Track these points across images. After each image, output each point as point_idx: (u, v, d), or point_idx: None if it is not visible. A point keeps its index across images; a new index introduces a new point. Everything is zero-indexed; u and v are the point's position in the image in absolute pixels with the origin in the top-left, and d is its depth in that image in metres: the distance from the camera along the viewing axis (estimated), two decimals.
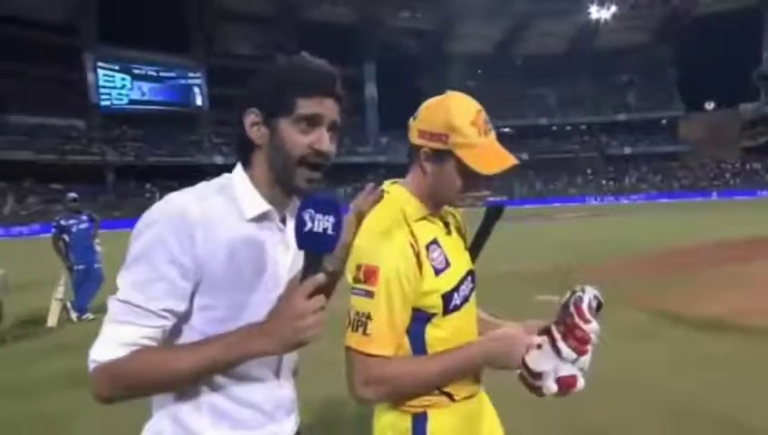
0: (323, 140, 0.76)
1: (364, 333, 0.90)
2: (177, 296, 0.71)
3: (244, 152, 0.80)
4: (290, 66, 0.79)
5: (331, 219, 0.69)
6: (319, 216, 0.69)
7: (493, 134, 0.95)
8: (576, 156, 44.20)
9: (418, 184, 0.98)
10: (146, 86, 33.70)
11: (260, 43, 37.95)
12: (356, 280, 0.91)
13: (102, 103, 32.10)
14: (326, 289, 0.72)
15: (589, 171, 43.66)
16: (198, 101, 36.16)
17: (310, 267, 0.70)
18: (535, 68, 45.70)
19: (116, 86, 32.44)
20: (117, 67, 32.37)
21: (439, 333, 0.97)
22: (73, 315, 5.19)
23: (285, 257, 0.82)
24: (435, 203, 1.00)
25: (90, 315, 5.17)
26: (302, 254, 0.71)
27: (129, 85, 32.90)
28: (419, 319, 0.96)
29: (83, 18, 31.46)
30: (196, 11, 35.17)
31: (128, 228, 1.21)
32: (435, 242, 0.98)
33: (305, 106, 0.75)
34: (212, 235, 0.72)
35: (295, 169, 0.76)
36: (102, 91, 32.02)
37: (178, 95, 35.57)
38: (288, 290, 0.77)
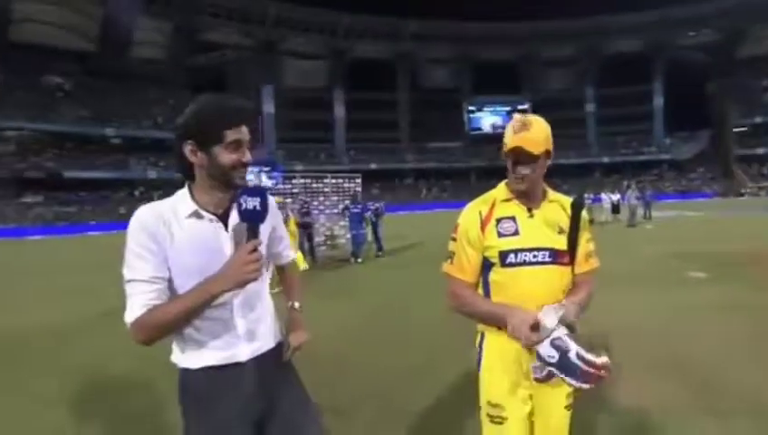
0: (246, 155, 1.12)
1: (451, 263, 1.41)
2: (155, 266, 1.07)
3: (186, 171, 1.15)
4: (214, 105, 1.11)
5: (258, 200, 1.08)
6: (250, 199, 1.07)
7: (522, 132, 1.30)
8: None
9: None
10: (495, 118, 53.47)
11: (570, 80, 52.89)
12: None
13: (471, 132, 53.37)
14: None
15: None
16: None
17: (250, 233, 1.07)
18: None
19: (479, 120, 53.39)
20: (479, 107, 53.27)
21: (497, 279, 1.36)
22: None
23: (220, 236, 1.14)
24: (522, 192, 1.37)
25: None
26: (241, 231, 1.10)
27: (486, 118, 53.33)
28: (486, 266, 1.37)
29: (461, 80, 53.49)
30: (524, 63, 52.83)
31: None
32: (511, 217, 1.36)
33: (231, 135, 1.09)
34: (162, 230, 1.09)
35: (232, 175, 1.12)
36: (472, 123, 53.23)
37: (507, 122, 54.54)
38: (236, 249, 1.10)
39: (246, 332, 1.20)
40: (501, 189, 1.42)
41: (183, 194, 1.16)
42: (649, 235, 12.62)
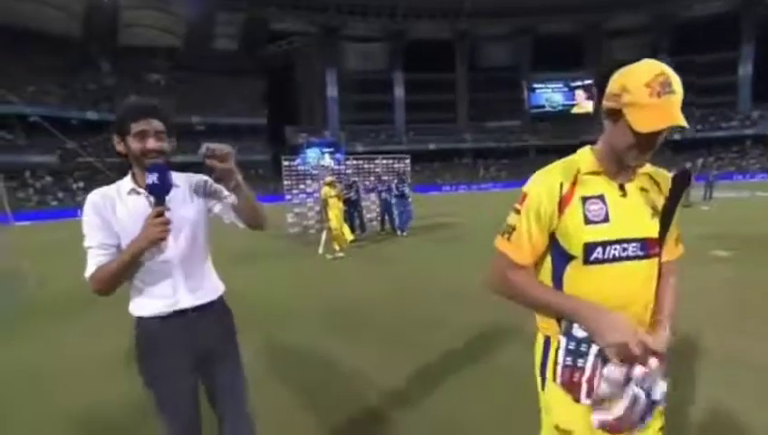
0: (148, 143, 1.36)
1: (508, 239, 1.15)
2: (103, 234, 1.37)
3: (122, 157, 1.41)
4: (124, 106, 1.40)
5: (156, 175, 1.31)
6: (150, 175, 1.32)
7: (673, 97, 0.96)
8: None
9: (601, 143, 1.10)
10: (555, 95, 52.04)
11: (639, 51, 49.79)
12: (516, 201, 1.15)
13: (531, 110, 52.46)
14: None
15: None
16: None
17: (156, 202, 1.35)
18: None
19: (539, 97, 52.33)
20: (539, 84, 52.12)
21: (575, 276, 1.08)
22: None
23: (147, 207, 1.40)
24: (615, 162, 1.07)
25: None
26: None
27: (546, 95, 52.14)
28: (562, 256, 1.10)
29: (520, 57, 52.48)
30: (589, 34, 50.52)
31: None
32: (599, 197, 1.07)
33: (135, 127, 1.35)
34: (106, 206, 1.39)
35: (141, 159, 1.38)
36: (532, 101, 52.31)
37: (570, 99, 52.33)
38: (149, 214, 1.36)
39: (186, 284, 1.47)
40: (585, 158, 1.14)
41: (127, 176, 1.47)
42: (696, 215, 12.24)
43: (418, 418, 2.59)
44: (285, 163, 12.04)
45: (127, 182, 1.45)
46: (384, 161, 13.62)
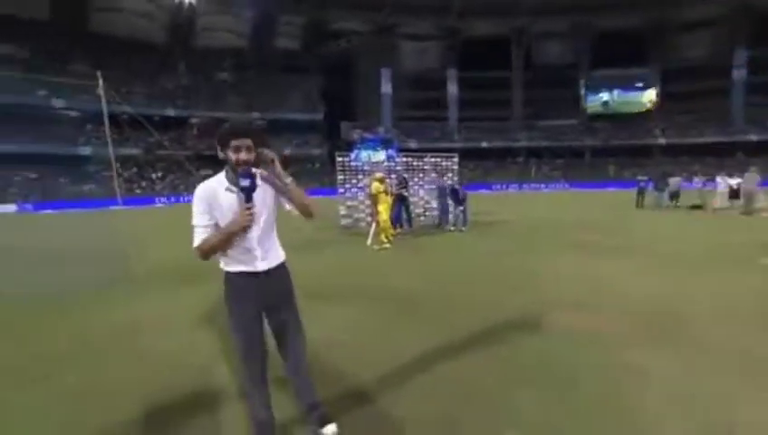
0: (241, 157, 1.87)
1: None
2: (206, 217, 1.90)
3: (223, 161, 1.94)
4: (225, 127, 1.91)
5: (248, 180, 1.84)
6: (242, 179, 1.84)
7: None
8: None
9: None
10: (615, 94, 50.02)
11: (712, 42, 46.77)
12: None
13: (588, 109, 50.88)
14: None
15: None
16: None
17: (246, 199, 1.86)
18: None
19: (597, 96, 50.59)
20: (598, 82, 50.34)
21: None
22: None
23: (238, 201, 1.92)
24: None
25: None
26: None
27: (604, 94, 50.28)
28: None
29: (579, 54, 50.89)
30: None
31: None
32: None
33: (233, 143, 1.87)
34: (210, 197, 1.91)
35: (235, 166, 1.89)
36: (589, 100, 50.76)
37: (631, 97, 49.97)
38: (240, 208, 1.89)
39: (261, 255, 2.02)
40: None
41: (223, 173, 1.97)
42: (755, 223, 11.40)
43: (442, 384, 2.92)
44: (339, 159, 12.66)
45: (223, 180, 1.97)
46: (433, 159, 14.23)
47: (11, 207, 28.67)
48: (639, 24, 47.98)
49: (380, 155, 13.99)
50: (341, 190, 12.68)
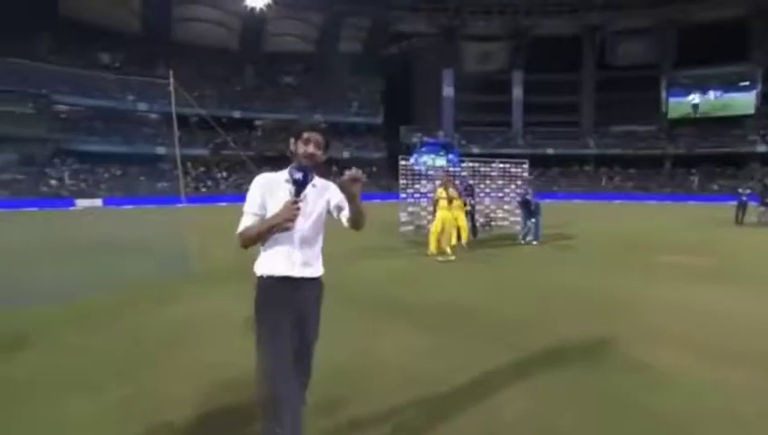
0: (308, 150, 1.91)
1: None
2: (256, 206, 1.89)
3: (291, 154, 1.95)
4: (304, 122, 2.01)
5: (302, 174, 1.83)
6: (298, 173, 1.84)
7: None
8: None
9: None
10: (705, 96, 45.35)
11: None
12: None
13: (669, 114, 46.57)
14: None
15: None
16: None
17: (296, 192, 1.83)
18: None
19: (681, 99, 46.15)
20: (683, 83, 45.94)
21: None
22: None
23: (289, 194, 1.86)
24: None
25: None
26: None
27: (691, 97, 45.84)
28: None
29: (660, 52, 46.83)
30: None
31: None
32: None
33: (305, 135, 1.92)
34: (268, 186, 1.90)
35: (300, 158, 1.91)
36: (671, 103, 46.50)
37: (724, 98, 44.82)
38: (285, 202, 1.84)
39: (300, 261, 1.92)
40: None
41: (289, 166, 1.95)
42: None
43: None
44: (402, 163, 12.28)
45: (285, 173, 1.93)
46: (501, 165, 13.51)
47: (98, 202, 32.01)
48: (737, 14, 42.18)
49: (442, 160, 13.49)
50: (403, 196, 12.34)
